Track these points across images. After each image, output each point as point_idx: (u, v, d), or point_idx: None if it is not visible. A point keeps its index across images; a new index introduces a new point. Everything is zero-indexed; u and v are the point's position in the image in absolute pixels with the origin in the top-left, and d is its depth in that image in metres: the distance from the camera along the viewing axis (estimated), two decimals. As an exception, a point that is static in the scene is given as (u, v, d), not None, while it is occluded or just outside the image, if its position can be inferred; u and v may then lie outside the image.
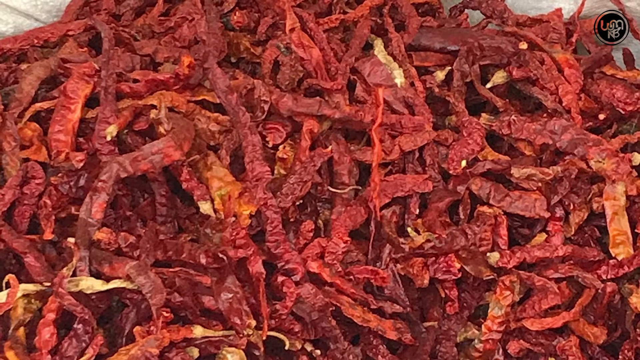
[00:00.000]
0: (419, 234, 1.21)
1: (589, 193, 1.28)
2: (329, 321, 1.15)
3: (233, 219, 1.14)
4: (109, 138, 1.16)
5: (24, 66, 1.29)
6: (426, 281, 1.20)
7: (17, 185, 1.15)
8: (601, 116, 1.37)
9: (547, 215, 1.25)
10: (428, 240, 1.19)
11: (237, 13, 1.39)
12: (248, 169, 1.17)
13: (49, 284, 1.08)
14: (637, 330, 1.20)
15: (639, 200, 1.28)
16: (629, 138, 1.33)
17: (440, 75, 1.37)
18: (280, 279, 1.13)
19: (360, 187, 1.26)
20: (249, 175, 1.17)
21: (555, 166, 1.27)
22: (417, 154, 1.29)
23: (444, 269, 1.20)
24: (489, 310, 1.20)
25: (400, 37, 1.39)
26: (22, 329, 1.08)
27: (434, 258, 1.20)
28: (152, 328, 1.06)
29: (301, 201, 1.22)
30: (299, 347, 1.15)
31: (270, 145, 1.24)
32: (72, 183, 1.17)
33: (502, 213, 1.25)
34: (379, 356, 1.18)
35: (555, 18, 1.49)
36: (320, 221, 1.23)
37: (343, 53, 1.37)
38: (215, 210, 1.17)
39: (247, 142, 1.18)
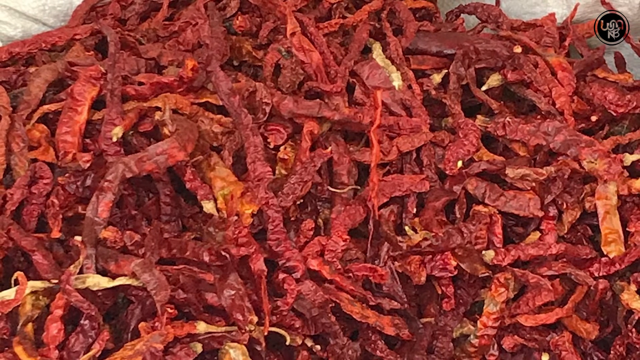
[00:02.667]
0: (416, 232, 1.22)
1: (582, 193, 1.28)
2: (328, 317, 1.16)
3: (235, 217, 1.15)
4: (114, 139, 1.17)
5: (32, 69, 1.30)
6: (423, 278, 1.20)
7: (26, 185, 1.16)
8: (593, 118, 1.38)
9: (540, 214, 1.26)
10: (425, 239, 1.20)
11: (239, 18, 1.40)
12: (250, 169, 1.18)
13: (56, 281, 1.09)
14: (629, 326, 1.20)
15: (630, 199, 1.29)
16: (620, 139, 1.34)
17: (437, 78, 1.38)
18: (281, 276, 1.14)
19: (359, 187, 1.26)
20: (251, 176, 1.17)
21: (548, 166, 1.27)
22: (414, 155, 1.30)
23: (441, 266, 1.20)
24: (484, 307, 1.20)
25: (398, 41, 1.40)
26: (30, 324, 1.09)
27: (430, 256, 1.21)
28: (156, 324, 1.06)
29: (302, 200, 1.23)
30: (300, 342, 1.16)
31: (271, 146, 1.24)
32: (79, 183, 1.18)
33: (497, 212, 1.26)
34: (377, 351, 1.19)
35: (549, 22, 1.50)
36: (320, 220, 1.24)
37: (342, 56, 1.37)
38: (218, 210, 1.18)
39: (249, 143, 1.19)
